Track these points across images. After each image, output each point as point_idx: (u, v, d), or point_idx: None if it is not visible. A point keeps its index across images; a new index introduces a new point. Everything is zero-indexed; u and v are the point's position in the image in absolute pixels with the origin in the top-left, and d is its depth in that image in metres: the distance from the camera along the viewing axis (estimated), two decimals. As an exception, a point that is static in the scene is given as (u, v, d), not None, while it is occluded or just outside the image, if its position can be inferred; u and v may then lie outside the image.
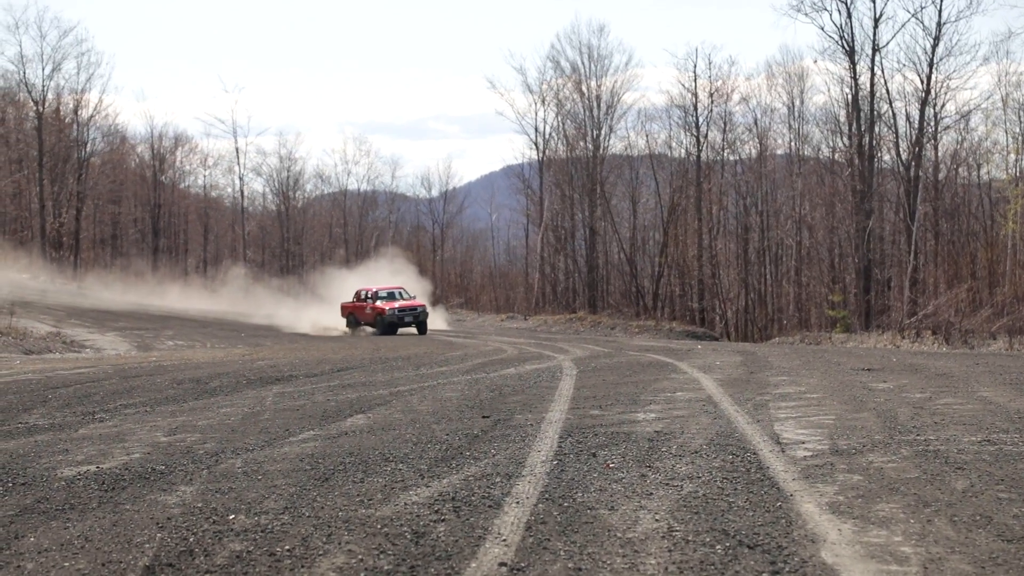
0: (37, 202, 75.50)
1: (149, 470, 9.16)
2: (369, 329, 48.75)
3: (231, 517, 7.26)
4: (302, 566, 6.07)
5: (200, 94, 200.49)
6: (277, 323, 52.15)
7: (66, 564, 6.25)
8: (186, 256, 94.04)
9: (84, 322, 42.17)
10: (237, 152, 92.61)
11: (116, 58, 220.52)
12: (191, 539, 6.69)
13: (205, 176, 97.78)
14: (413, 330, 47.98)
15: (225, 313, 59.00)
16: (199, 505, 7.68)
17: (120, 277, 75.41)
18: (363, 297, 49.97)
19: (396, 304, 48.19)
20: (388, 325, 47.25)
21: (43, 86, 75.48)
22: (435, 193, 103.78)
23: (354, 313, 50.07)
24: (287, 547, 6.45)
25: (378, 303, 48.72)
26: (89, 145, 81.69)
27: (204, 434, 11.46)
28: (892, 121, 53.66)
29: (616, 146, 73.56)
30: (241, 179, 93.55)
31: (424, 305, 49.32)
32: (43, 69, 75.42)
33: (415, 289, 55.71)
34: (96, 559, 6.33)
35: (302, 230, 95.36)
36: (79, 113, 79.45)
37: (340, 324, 50.57)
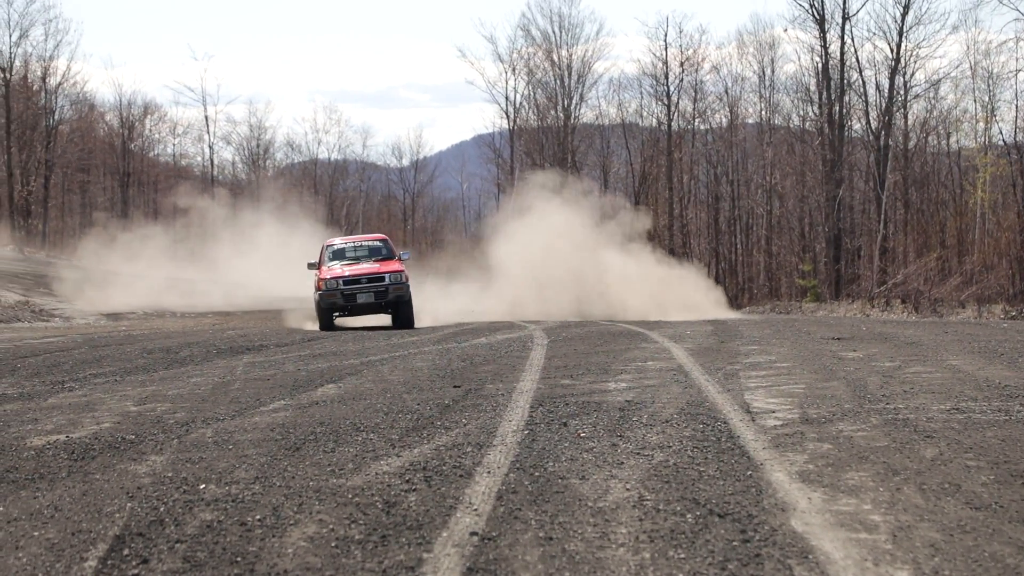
0: (5, 170, 74.83)
1: (119, 439, 9.12)
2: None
3: (201, 487, 7.23)
4: (273, 535, 6.06)
5: (169, 62, 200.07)
6: None
7: (36, 533, 6.22)
8: (156, 225, 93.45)
9: (53, 291, 41.91)
10: (207, 120, 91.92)
11: (84, 25, 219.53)
12: (161, 508, 6.67)
13: (174, 145, 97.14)
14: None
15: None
16: (169, 475, 7.65)
17: (89, 246, 74.92)
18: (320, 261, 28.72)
19: (348, 271, 27.38)
20: (324, 311, 26.88)
21: (10, 53, 74.62)
22: (406, 162, 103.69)
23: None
24: (258, 517, 6.43)
25: (324, 269, 27.88)
26: (57, 113, 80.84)
27: (174, 403, 11.42)
28: (862, 90, 53.90)
29: (587, 115, 73.57)
30: (211, 148, 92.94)
31: (401, 271, 27.20)
32: (10, 36, 74.57)
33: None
34: (66, 528, 6.30)
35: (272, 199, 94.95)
36: (47, 80, 78.66)
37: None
